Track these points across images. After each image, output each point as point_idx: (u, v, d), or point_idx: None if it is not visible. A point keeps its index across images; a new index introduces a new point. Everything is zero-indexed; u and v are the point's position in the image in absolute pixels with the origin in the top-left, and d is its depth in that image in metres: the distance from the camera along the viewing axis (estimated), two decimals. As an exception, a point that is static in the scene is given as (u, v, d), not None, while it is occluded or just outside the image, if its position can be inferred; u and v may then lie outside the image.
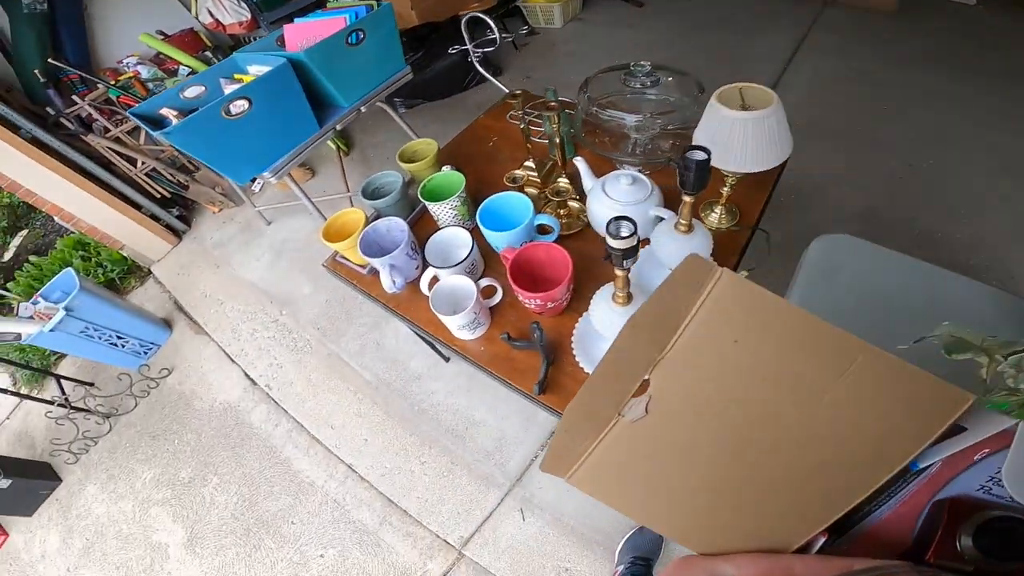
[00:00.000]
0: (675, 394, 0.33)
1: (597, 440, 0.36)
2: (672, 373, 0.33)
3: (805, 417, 0.31)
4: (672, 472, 0.36)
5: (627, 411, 0.34)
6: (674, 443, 0.35)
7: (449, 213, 1.02)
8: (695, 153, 0.59)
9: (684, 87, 1.05)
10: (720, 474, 0.35)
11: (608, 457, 0.37)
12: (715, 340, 0.31)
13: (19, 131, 1.99)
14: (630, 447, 0.36)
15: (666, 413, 0.34)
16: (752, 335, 0.31)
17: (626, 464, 0.37)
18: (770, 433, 0.32)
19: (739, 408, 0.32)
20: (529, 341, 0.83)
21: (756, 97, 0.83)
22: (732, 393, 0.32)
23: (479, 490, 1.50)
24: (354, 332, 1.97)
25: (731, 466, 0.34)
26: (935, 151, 2.09)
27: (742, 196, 1.00)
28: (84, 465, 1.94)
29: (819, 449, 0.32)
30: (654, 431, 0.35)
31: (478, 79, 2.91)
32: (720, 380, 0.32)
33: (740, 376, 0.32)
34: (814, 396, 0.30)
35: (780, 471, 0.33)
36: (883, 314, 0.77)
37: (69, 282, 1.92)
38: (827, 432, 0.31)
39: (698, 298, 0.31)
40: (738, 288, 0.30)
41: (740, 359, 0.31)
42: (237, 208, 2.64)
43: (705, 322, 0.31)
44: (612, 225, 0.55)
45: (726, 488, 0.35)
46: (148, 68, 2.42)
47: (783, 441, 0.32)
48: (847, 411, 0.30)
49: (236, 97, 1.37)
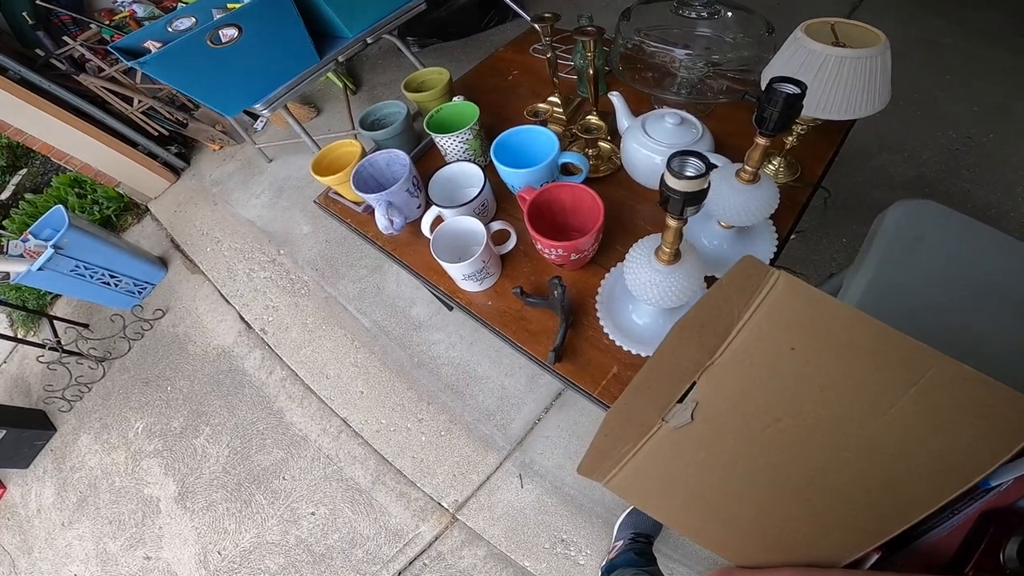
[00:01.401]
0: (724, 401, 0.32)
1: (638, 445, 0.35)
2: (722, 379, 0.32)
3: (867, 430, 0.29)
4: (715, 481, 0.34)
5: (671, 417, 0.33)
6: (719, 452, 0.33)
7: (459, 147, 0.89)
8: (784, 85, 0.46)
9: (746, 25, 0.90)
10: (768, 487, 0.33)
11: (649, 463, 0.36)
12: (770, 346, 0.30)
13: (7, 72, 1.97)
14: (672, 454, 0.35)
15: (713, 421, 0.33)
16: (811, 342, 0.29)
17: (667, 471, 0.36)
18: (827, 446, 0.30)
19: (793, 420, 0.31)
20: (546, 298, 0.71)
21: (852, 36, 0.70)
22: (786, 403, 0.31)
23: (477, 452, 1.43)
24: (354, 275, 1.87)
25: (781, 479, 0.32)
26: (997, 125, 1.92)
27: (804, 150, 0.85)
28: (78, 413, 1.92)
29: (881, 464, 0.30)
30: (699, 439, 0.33)
31: (498, 19, 2.70)
32: (773, 389, 0.31)
33: (796, 385, 0.30)
34: (878, 409, 0.28)
35: (835, 486, 0.31)
36: (978, 298, 0.64)
37: (59, 219, 1.84)
38: (891, 446, 0.29)
39: (753, 302, 0.30)
40: (797, 292, 0.29)
41: (797, 367, 0.30)
42: (238, 146, 2.52)
43: (760, 327, 0.30)
44: (676, 161, 0.42)
45: (773, 501, 0.33)
46: (144, 7, 2.24)
47: (841, 454, 0.30)
48: (915, 425, 0.28)
49: (223, 24, 1.23)
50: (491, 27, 2.72)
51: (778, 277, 0.29)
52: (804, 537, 0.33)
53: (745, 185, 0.59)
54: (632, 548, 1.15)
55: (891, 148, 1.88)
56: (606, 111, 0.92)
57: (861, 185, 1.78)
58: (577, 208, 0.74)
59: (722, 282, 0.33)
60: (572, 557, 1.25)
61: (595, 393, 0.67)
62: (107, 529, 1.63)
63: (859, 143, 1.89)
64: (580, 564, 1.24)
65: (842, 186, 1.77)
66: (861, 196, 1.76)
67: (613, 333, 0.69)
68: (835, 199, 1.71)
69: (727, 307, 0.31)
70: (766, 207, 0.60)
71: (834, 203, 1.71)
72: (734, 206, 0.60)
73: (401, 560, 1.35)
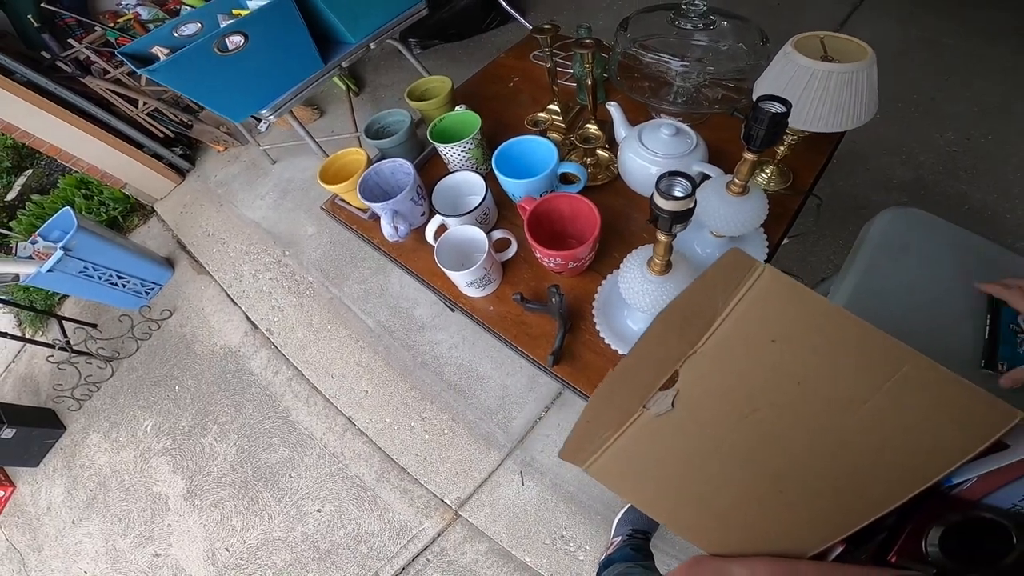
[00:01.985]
0: (704, 391, 0.32)
1: (619, 431, 0.35)
2: (703, 369, 0.32)
3: (841, 424, 0.30)
4: (693, 469, 0.35)
5: (652, 404, 0.33)
6: (698, 440, 0.34)
7: (461, 156, 0.91)
8: (771, 104, 0.48)
9: (741, 34, 0.93)
10: (744, 476, 0.33)
11: (629, 449, 0.36)
12: (751, 338, 0.30)
13: (13, 75, 1.99)
14: (652, 441, 0.35)
15: (693, 410, 0.33)
16: (792, 335, 0.30)
17: (646, 458, 0.36)
18: (801, 438, 0.31)
19: (771, 411, 0.31)
20: (544, 304, 0.74)
21: (840, 49, 0.72)
22: (765, 394, 0.31)
23: (479, 450, 1.46)
24: (358, 276, 1.90)
25: (755, 468, 0.33)
26: (997, 126, 1.92)
27: (796, 158, 0.87)
28: (87, 412, 1.95)
29: (851, 457, 0.30)
30: (679, 427, 0.34)
31: (499, 20, 2.71)
32: (753, 380, 0.31)
33: (775, 377, 0.30)
34: (852, 404, 0.29)
35: (808, 478, 0.32)
36: (962, 306, 0.67)
37: (67, 221, 1.86)
38: (862, 441, 0.30)
39: (737, 293, 0.30)
40: (780, 286, 0.29)
41: (776, 360, 0.30)
42: (242, 147, 2.54)
43: (742, 319, 0.30)
44: (664, 182, 0.45)
45: (747, 490, 0.34)
46: (149, 9, 2.26)
47: (814, 447, 0.31)
48: (886, 420, 0.29)
49: (230, 32, 1.25)
50: (493, 28, 2.72)
51: (763, 270, 0.30)
52: (775, 527, 0.33)
53: (735, 197, 0.62)
54: (630, 544, 1.18)
55: (890, 150, 1.89)
56: (605, 119, 0.94)
57: (859, 188, 1.80)
58: (575, 217, 0.76)
59: (707, 273, 0.33)
60: (571, 553, 1.28)
61: (591, 394, 0.70)
62: (116, 527, 1.66)
63: (858, 145, 1.90)
64: (579, 560, 1.27)
65: (840, 189, 1.78)
66: (859, 199, 1.77)
67: (609, 337, 0.71)
68: (832, 202, 1.73)
69: (711, 298, 0.32)
70: (755, 218, 0.63)
71: (831, 206, 1.73)
72: (725, 217, 0.63)
73: (405, 556, 1.38)
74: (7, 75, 1.95)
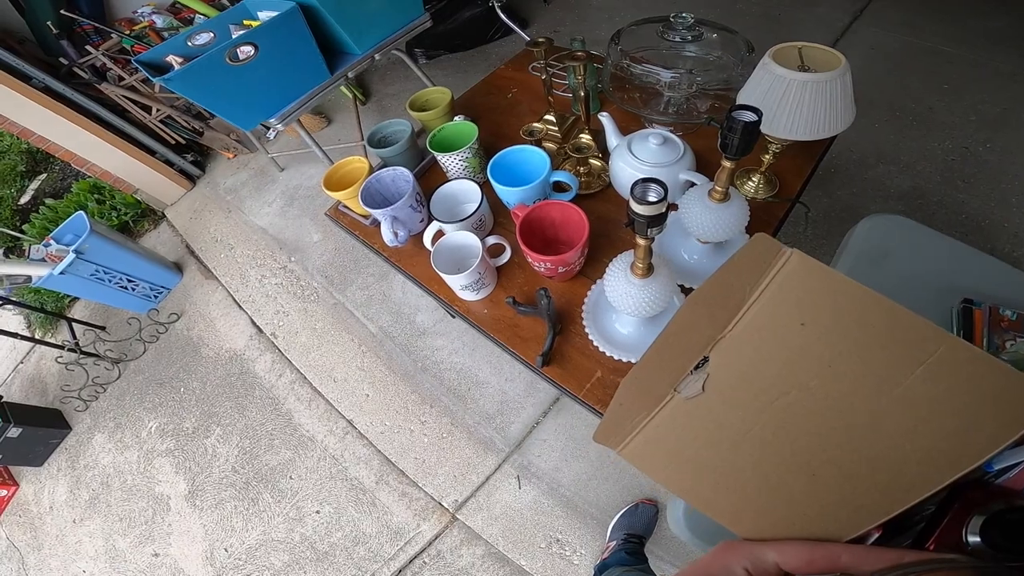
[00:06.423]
0: (734, 374, 0.32)
1: (651, 415, 0.36)
2: (733, 353, 0.32)
3: (874, 407, 0.29)
4: (725, 453, 0.35)
5: (683, 388, 0.34)
6: (729, 424, 0.34)
7: (459, 165, 0.94)
8: (743, 113, 0.51)
9: (729, 45, 0.96)
10: (775, 459, 0.33)
11: (660, 433, 0.36)
12: (781, 322, 0.30)
13: (31, 80, 2.03)
14: (684, 424, 0.35)
15: (723, 393, 0.33)
16: (821, 319, 0.29)
17: (678, 441, 0.36)
18: (833, 422, 0.30)
19: (801, 393, 0.31)
20: (535, 307, 0.77)
21: (817, 59, 0.75)
22: (795, 378, 0.31)
23: (477, 454, 1.48)
24: (361, 282, 1.93)
25: (787, 452, 0.32)
26: (995, 135, 1.92)
27: (784, 165, 0.90)
28: (93, 413, 1.98)
29: (886, 442, 0.29)
30: (710, 410, 0.34)
31: (503, 31, 2.76)
32: (783, 363, 0.31)
33: (805, 361, 0.30)
34: (886, 386, 0.28)
35: (841, 461, 0.31)
36: (939, 311, 0.68)
37: (80, 225, 1.91)
38: (897, 425, 0.29)
39: (765, 277, 0.30)
40: (809, 269, 0.29)
41: (806, 343, 0.30)
42: (251, 155, 2.59)
43: (771, 302, 0.30)
44: (638, 188, 0.47)
45: (780, 474, 0.33)
46: (163, 17, 2.34)
47: (847, 431, 0.30)
48: (921, 404, 0.28)
49: (241, 43, 1.29)
50: (497, 39, 2.78)
51: (791, 254, 0.29)
52: (809, 511, 0.32)
53: (717, 204, 0.64)
54: (624, 548, 1.19)
55: (888, 159, 1.90)
56: (598, 129, 0.97)
57: (857, 197, 1.81)
58: (566, 224, 0.79)
59: (734, 258, 0.33)
60: (567, 556, 1.29)
61: (580, 395, 0.72)
62: (117, 526, 1.69)
63: (856, 154, 1.92)
64: (574, 563, 1.28)
65: (838, 198, 1.79)
66: (856, 208, 1.78)
67: (597, 340, 0.74)
68: (830, 211, 1.74)
69: (739, 282, 0.32)
70: (737, 224, 0.65)
71: (828, 215, 1.74)
72: (707, 223, 0.65)
73: (402, 558, 1.40)
74: (25, 80, 2.00)
